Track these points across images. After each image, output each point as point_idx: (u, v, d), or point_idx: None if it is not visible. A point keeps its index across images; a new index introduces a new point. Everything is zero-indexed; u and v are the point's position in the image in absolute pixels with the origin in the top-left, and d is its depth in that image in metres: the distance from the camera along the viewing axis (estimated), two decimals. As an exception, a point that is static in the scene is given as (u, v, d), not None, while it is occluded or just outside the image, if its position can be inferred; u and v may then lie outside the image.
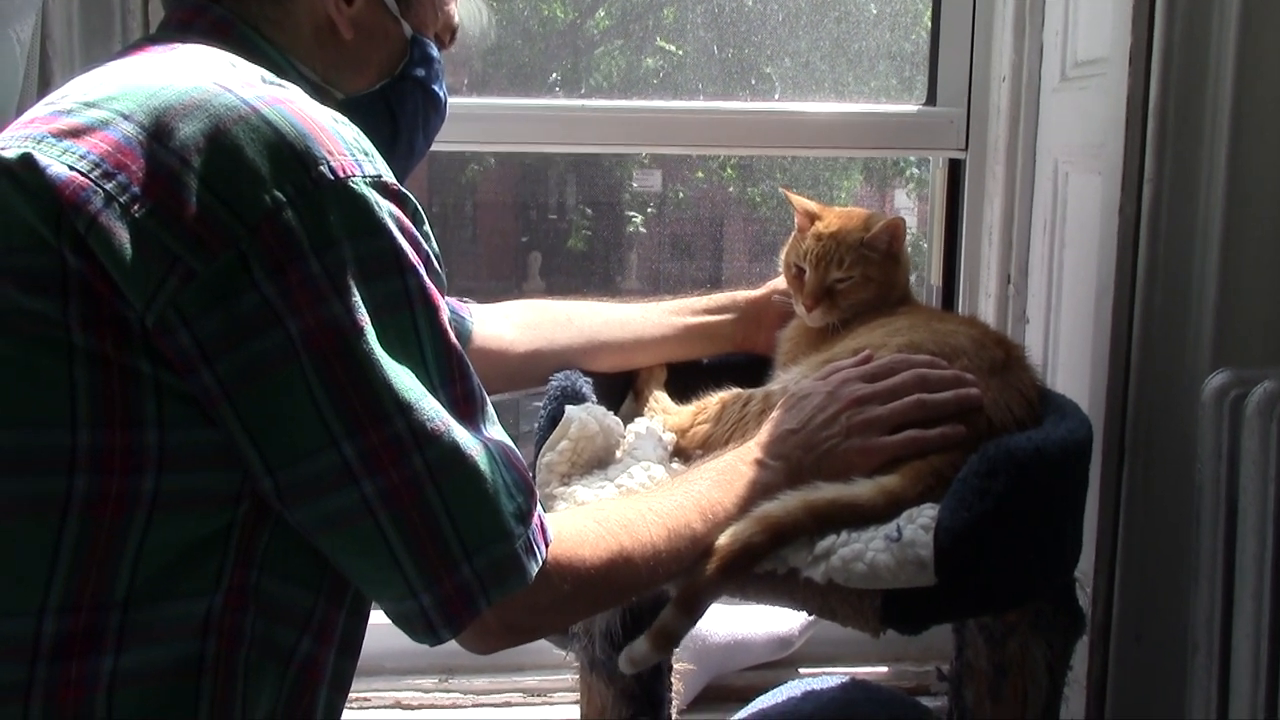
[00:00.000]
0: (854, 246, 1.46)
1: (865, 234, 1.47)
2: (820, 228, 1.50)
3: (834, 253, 1.47)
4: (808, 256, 1.48)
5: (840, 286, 1.47)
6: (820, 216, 1.52)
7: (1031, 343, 1.82)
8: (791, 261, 1.52)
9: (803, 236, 1.52)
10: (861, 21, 2.11)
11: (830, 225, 1.50)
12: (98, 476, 0.83)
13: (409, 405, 0.86)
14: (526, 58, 2.32)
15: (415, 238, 0.90)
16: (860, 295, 1.47)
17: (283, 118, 0.85)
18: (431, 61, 1.18)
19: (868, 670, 1.93)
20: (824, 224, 1.50)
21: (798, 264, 1.50)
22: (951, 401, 1.23)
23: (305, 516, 0.87)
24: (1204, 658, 1.29)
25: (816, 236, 1.49)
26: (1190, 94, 1.42)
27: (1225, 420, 1.25)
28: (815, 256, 1.47)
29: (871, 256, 1.47)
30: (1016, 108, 1.87)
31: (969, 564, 1.11)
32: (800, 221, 1.54)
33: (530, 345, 1.52)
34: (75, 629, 0.83)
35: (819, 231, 1.49)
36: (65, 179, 0.81)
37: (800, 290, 1.49)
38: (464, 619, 0.90)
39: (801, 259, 1.49)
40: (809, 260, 1.48)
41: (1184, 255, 1.43)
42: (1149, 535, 1.46)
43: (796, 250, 1.51)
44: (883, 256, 1.47)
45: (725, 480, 1.17)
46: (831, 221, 1.50)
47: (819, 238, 1.48)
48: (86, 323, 0.82)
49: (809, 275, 1.48)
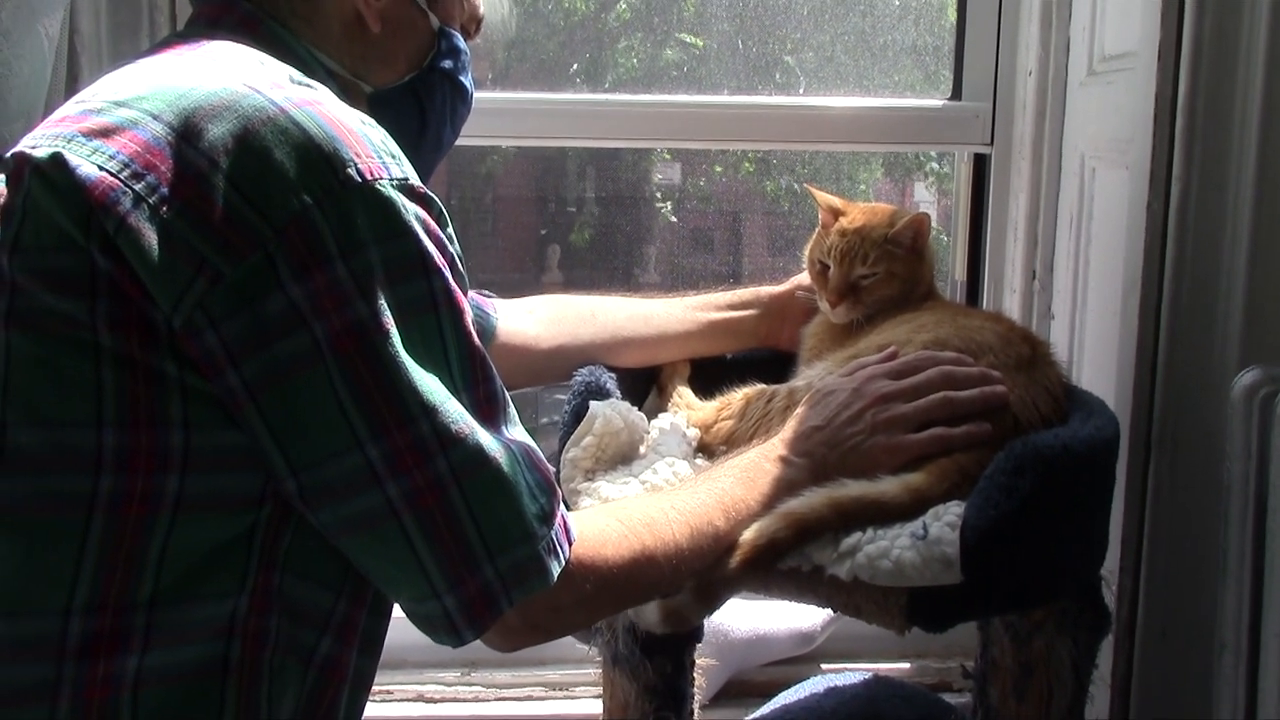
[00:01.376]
0: (878, 242, 1.46)
1: (889, 230, 1.47)
2: (844, 224, 1.49)
3: (858, 249, 1.46)
4: (832, 253, 1.48)
5: (865, 283, 1.47)
6: (844, 212, 1.51)
7: (1057, 339, 1.81)
8: (815, 258, 1.52)
9: (826, 233, 1.52)
10: (886, 15, 2.10)
11: (854, 221, 1.49)
12: (123, 477, 0.83)
13: (433, 408, 0.86)
14: (548, 50, 2.32)
15: (441, 240, 0.90)
16: (884, 291, 1.47)
17: (311, 120, 0.86)
18: (459, 53, 1.18)
19: (890, 666, 1.93)
20: (848, 220, 1.50)
21: (822, 260, 1.50)
22: (978, 399, 1.23)
23: (329, 518, 0.87)
24: (1231, 657, 1.28)
25: (840, 232, 1.49)
26: (1220, 89, 1.40)
27: (1255, 418, 1.24)
28: (840, 252, 1.47)
29: (896, 252, 1.46)
30: (1043, 102, 1.86)
31: (995, 562, 1.10)
32: (824, 218, 1.54)
33: (554, 341, 1.52)
34: (101, 629, 0.84)
35: (843, 227, 1.49)
36: (95, 179, 0.82)
37: (824, 287, 1.49)
38: (486, 620, 0.90)
39: (825, 255, 1.49)
40: (833, 256, 1.48)
41: (1212, 252, 1.41)
42: (1175, 533, 1.45)
43: (820, 246, 1.51)
44: (907, 252, 1.47)
45: (749, 478, 1.17)
46: (856, 217, 1.50)
47: (843, 234, 1.48)
48: (114, 323, 0.82)
49: (833, 271, 1.48)
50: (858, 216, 1.50)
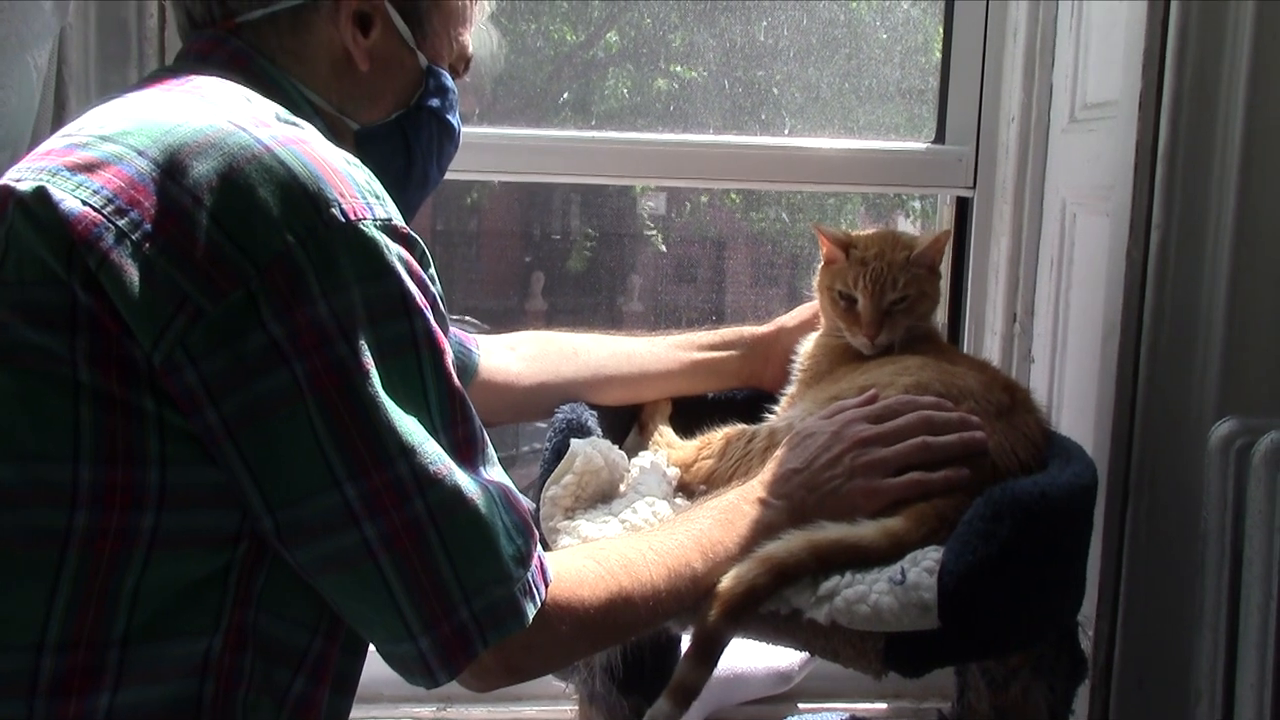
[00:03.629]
0: (903, 266, 1.45)
1: (911, 251, 1.45)
2: (862, 254, 1.46)
3: (886, 276, 1.44)
4: (859, 284, 1.44)
5: (897, 309, 1.45)
6: (854, 244, 1.48)
7: (1036, 383, 1.82)
8: (838, 293, 1.48)
9: (834, 266, 1.49)
10: (872, 58, 2.12)
11: (870, 249, 1.47)
12: (98, 512, 0.83)
13: (412, 448, 0.86)
14: (535, 82, 2.33)
15: (423, 281, 0.91)
16: (915, 312, 1.46)
17: (296, 158, 0.86)
18: (446, 91, 1.18)
19: (867, 707, 1.92)
20: (862, 250, 1.47)
21: (846, 294, 1.46)
22: (956, 445, 1.23)
23: (305, 557, 0.87)
24: (1207, 706, 1.28)
25: (861, 262, 1.46)
26: (1200, 139, 1.42)
27: (1231, 469, 1.25)
28: (869, 282, 1.44)
29: (920, 273, 1.46)
30: (1025, 148, 1.87)
31: (973, 608, 1.10)
32: (831, 253, 1.51)
33: (536, 378, 1.52)
34: (74, 666, 0.83)
35: (862, 257, 1.46)
36: (78, 214, 0.82)
37: (854, 321, 1.46)
38: (461, 662, 0.89)
39: (851, 288, 1.45)
40: (862, 288, 1.44)
41: (1191, 300, 1.43)
42: (1153, 581, 1.46)
43: (843, 280, 1.47)
44: (927, 271, 1.47)
45: (727, 519, 1.17)
46: (869, 245, 1.48)
47: (864, 263, 1.45)
48: (93, 359, 0.82)
49: (864, 303, 1.45)
50: (871, 244, 1.47)
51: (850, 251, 1.48)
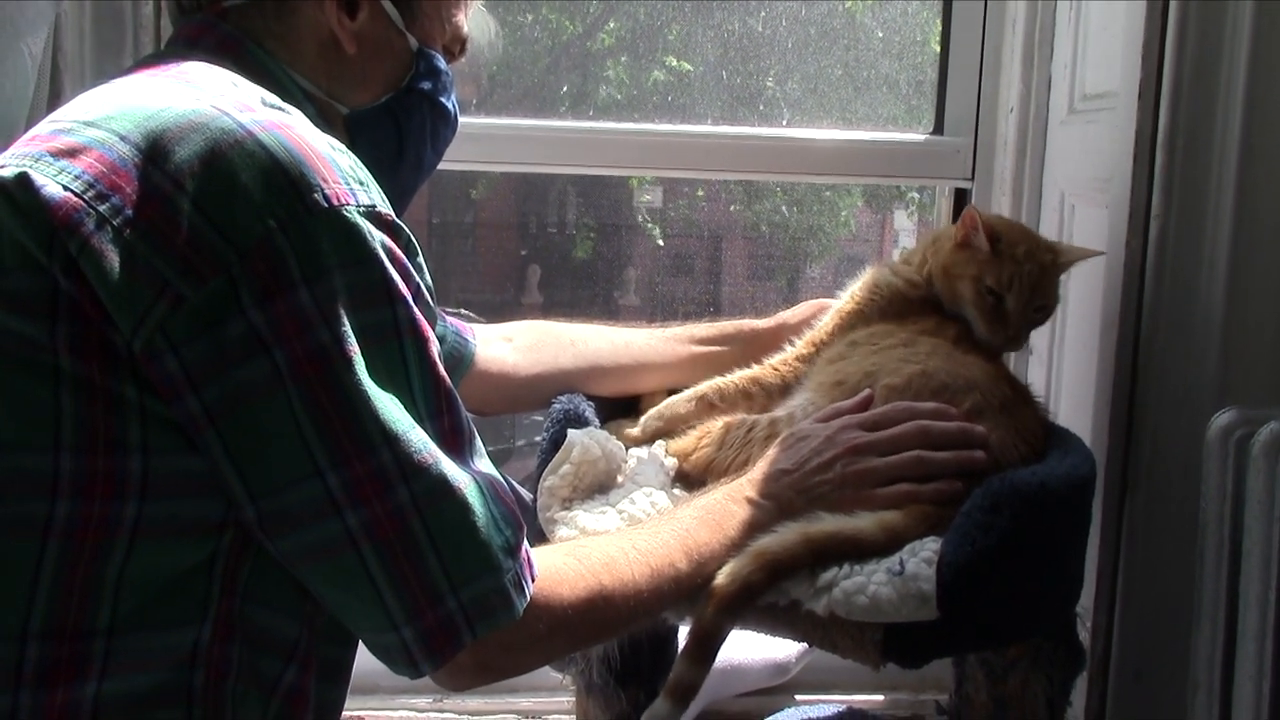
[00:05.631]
0: (1051, 270, 1.40)
1: (1056, 256, 1.40)
2: (1011, 250, 1.38)
3: (1039, 279, 1.38)
4: (1014, 286, 1.36)
5: (1037, 316, 1.40)
6: (999, 235, 1.38)
7: (1034, 375, 1.82)
8: (986, 288, 1.38)
9: (978, 256, 1.38)
10: (870, 49, 2.12)
11: (1019, 246, 1.38)
12: (79, 502, 0.82)
13: (396, 436, 0.86)
14: (534, 73, 2.32)
15: (407, 269, 0.90)
16: (1045, 320, 1.43)
17: (279, 143, 0.85)
18: (439, 74, 1.17)
19: (865, 698, 1.93)
20: (1010, 245, 1.38)
21: (994, 290, 1.37)
22: (951, 463, 1.21)
23: (287, 546, 0.86)
24: (1205, 697, 1.28)
25: (1014, 260, 1.37)
26: (1199, 130, 1.41)
27: (1230, 460, 1.25)
28: (1024, 284, 1.36)
29: (1058, 280, 1.42)
30: (1024, 139, 1.87)
31: (971, 599, 1.10)
32: (976, 240, 1.38)
33: (533, 368, 1.51)
34: (59, 656, 0.83)
35: (1013, 255, 1.37)
36: (59, 199, 0.81)
37: (997, 320, 1.38)
38: (447, 653, 0.89)
39: (1003, 287, 1.37)
40: (1016, 290, 1.36)
41: (1190, 292, 1.42)
42: (1151, 572, 1.46)
43: (994, 276, 1.37)
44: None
45: (714, 518, 1.16)
46: (1016, 241, 1.39)
47: (1016, 261, 1.37)
48: (74, 347, 0.82)
49: (1015, 307, 1.37)
50: (1017, 240, 1.39)
51: (997, 245, 1.38)
